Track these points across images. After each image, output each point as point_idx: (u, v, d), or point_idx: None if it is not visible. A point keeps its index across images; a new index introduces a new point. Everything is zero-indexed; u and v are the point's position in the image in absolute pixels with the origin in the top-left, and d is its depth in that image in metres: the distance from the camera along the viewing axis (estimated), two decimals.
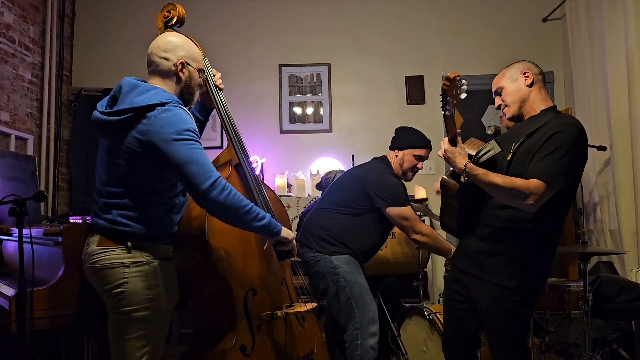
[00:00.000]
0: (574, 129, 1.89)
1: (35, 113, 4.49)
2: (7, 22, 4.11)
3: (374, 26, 5.04)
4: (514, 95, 2.07)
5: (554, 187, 1.83)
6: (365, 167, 3.00)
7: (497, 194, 1.93)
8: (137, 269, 1.82)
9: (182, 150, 1.75)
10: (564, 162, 1.84)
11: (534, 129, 1.95)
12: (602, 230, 3.92)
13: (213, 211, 1.87)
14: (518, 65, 2.11)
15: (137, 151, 1.78)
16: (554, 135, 1.87)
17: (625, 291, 2.90)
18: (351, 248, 2.78)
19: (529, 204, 1.84)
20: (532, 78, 2.06)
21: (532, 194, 1.82)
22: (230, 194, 1.81)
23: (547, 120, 1.96)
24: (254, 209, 1.89)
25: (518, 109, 2.07)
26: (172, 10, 2.19)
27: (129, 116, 1.79)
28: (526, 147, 1.94)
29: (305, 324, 2.43)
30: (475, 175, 1.91)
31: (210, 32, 4.91)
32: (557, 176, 1.83)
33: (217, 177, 1.79)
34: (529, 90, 2.05)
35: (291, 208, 4.50)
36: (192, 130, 1.80)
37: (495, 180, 1.88)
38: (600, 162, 3.93)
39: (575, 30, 4.29)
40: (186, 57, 1.93)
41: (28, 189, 3.28)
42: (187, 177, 1.76)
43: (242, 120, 4.75)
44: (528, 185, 1.83)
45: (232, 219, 1.90)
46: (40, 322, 1.94)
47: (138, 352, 1.81)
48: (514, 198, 1.87)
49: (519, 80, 2.07)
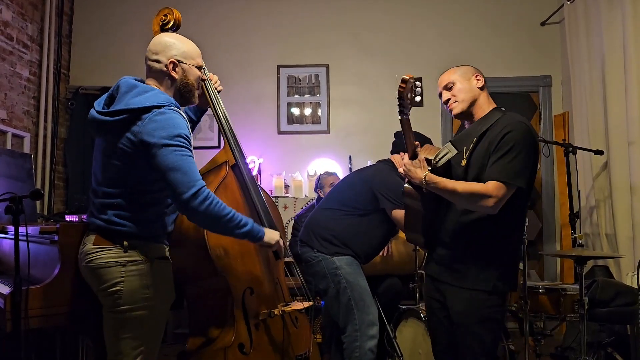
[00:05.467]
0: (523, 126, 1.94)
1: (33, 111, 4.48)
2: (6, 20, 4.10)
3: (372, 27, 5.05)
4: (467, 92, 2.08)
5: (513, 187, 1.87)
6: (372, 168, 3.00)
7: (457, 201, 1.96)
8: (134, 268, 1.82)
9: (169, 157, 1.75)
10: (519, 160, 1.88)
11: (484, 129, 1.99)
12: (598, 234, 3.92)
13: (193, 220, 1.87)
14: (468, 67, 2.14)
15: (129, 152, 1.78)
16: (507, 135, 1.90)
17: (620, 295, 2.91)
18: (353, 249, 2.78)
19: (489, 206, 1.86)
20: (483, 82, 2.10)
21: (492, 197, 1.85)
22: (212, 204, 1.79)
23: (496, 119, 2.00)
24: (236, 217, 1.88)
25: (467, 107, 2.09)
26: (168, 14, 2.19)
27: (125, 117, 1.78)
28: (480, 150, 1.97)
29: (299, 325, 2.44)
30: (435, 184, 1.94)
31: (208, 32, 4.91)
32: (515, 175, 1.87)
33: (201, 187, 1.78)
34: (480, 92, 2.09)
35: (288, 209, 4.49)
36: (184, 136, 1.79)
37: (454, 187, 1.91)
38: (596, 166, 3.94)
39: (573, 35, 4.30)
40: (177, 56, 1.91)
41: (24, 187, 3.26)
42: (170, 183, 1.76)
43: (240, 121, 4.78)
44: (487, 188, 1.86)
45: (214, 228, 1.92)
46: (35, 320, 1.93)
47: (134, 351, 1.81)
48: (474, 203, 1.90)
49: (471, 81, 2.09)
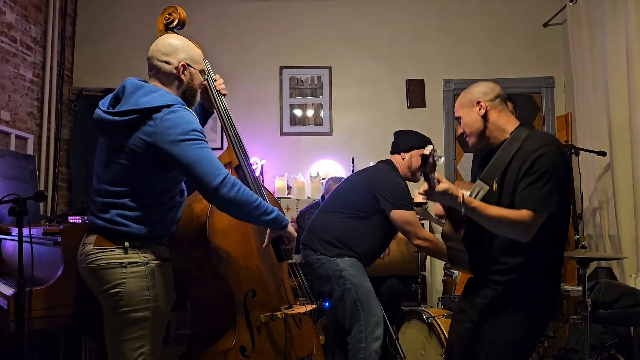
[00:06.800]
0: (554, 149, 1.86)
1: (36, 112, 4.49)
2: (9, 22, 4.11)
3: (374, 29, 5.05)
4: (471, 126, 2.01)
5: (544, 213, 1.82)
6: (371, 169, 2.99)
7: (491, 227, 1.90)
8: (135, 270, 1.82)
9: (189, 151, 1.78)
10: (549, 186, 1.81)
11: (511, 156, 1.92)
12: (602, 235, 3.91)
13: (223, 208, 1.90)
14: (473, 92, 2.03)
15: (140, 152, 1.79)
16: (538, 159, 1.83)
17: (624, 297, 2.90)
18: (356, 251, 2.77)
19: (520, 233, 1.83)
20: (485, 107, 1.98)
21: (522, 224, 1.80)
22: (240, 190, 1.85)
23: (521, 143, 1.91)
24: (263, 204, 1.93)
25: (478, 140, 2.02)
26: (173, 12, 2.19)
27: (134, 117, 1.79)
28: (509, 177, 1.91)
29: (303, 326, 2.43)
30: (473, 208, 1.85)
31: (211, 34, 4.92)
32: (545, 201, 1.81)
33: (226, 175, 1.83)
34: (484, 121, 1.99)
35: (290, 210, 4.50)
36: (198, 130, 1.83)
37: (490, 212, 1.85)
38: (600, 168, 3.93)
39: (576, 36, 4.29)
40: (187, 59, 1.93)
41: (28, 189, 3.27)
42: (196, 176, 1.79)
43: (243, 122, 4.73)
44: (518, 215, 1.81)
45: (242, 214, 1.94)
46: (38, 321, 1.94)
47: (135, 352, 1.81)
48: (506, 229, 1.86)
49: (473, 111, 2.01)
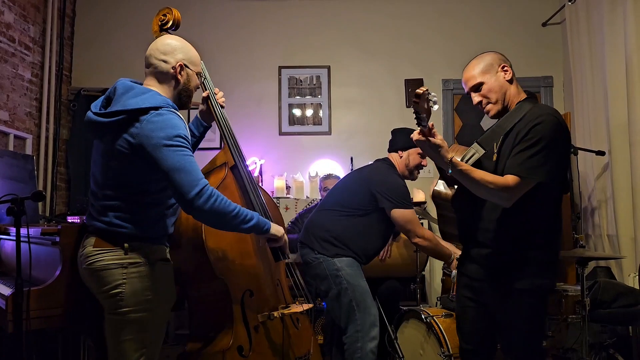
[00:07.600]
0: (552, 118, 1.86)
1: (35, 112, 4.49)
2: (8, 22, 4.11)
3: (373, 28, 5.04)
4: (498, 91, 1.97)
5: (530, 181, 1.81)
6: (369, 168, 2.98)
7: (476, 190, 1.90)
8: (135, 270, 1.82)
9: (170, 157, 1.75)
10: (543, 154, 1.81)
11: (512, 124, 1.92)
12: (600, 235, 3.92)
13: (200, 219, 1.88)
14: (491, 57, 1.99)
15: (127, 153, 1.78)
16: (535, 127, 1.83)
17: (622, 296, 2.90)
18: (354, 250, 2.77)
19: (502, 199, 1.84)
20: (511, 72, 1.98)
21: (505, 190, 1.81)
22: (217, 201, 1.80)
23: (525, 112, 1.91)
24: (241, 212, 1.88)
25: (503, 106, 1.99)
26: (167, 14, 2.20)
27: (122, 118, 1.78)
28: (509, 142, 1.91)
29: (300, 326, 2.44)
30: (460, 170, 1.85)
31: (210, 33, 4.92)
32: (533, 169, 1.81)
33: (204, 185, 1.78)
34: (509, 85, 1.97)
35: (289, 210, 4.50)
36: (183, 136, 1.80)
37: (475, 176, 1.85)
38: (598, 167, 3.94)
39: (574, 35, 4.29)
40: (185, 60, 1.94)
41: (26, 189, 3.27)
42: (174, 184, 1.76)
43: (242, 122, 4.79)
44: (503, 181, 1.82)
45: (221, 225, 1.91)
46: (37, 321, 1.94)
47: (136, 353, 1.81)
48: (490, 193, 1.86)
49: (499, 75, 1.97)
